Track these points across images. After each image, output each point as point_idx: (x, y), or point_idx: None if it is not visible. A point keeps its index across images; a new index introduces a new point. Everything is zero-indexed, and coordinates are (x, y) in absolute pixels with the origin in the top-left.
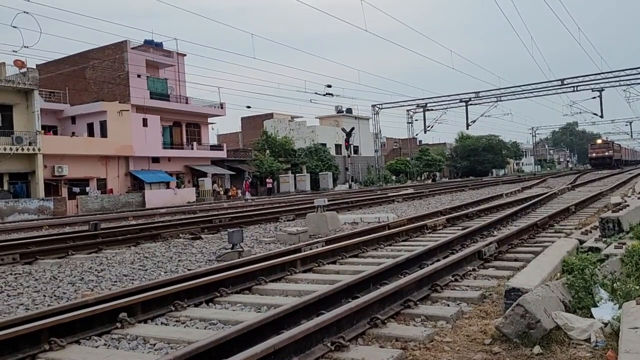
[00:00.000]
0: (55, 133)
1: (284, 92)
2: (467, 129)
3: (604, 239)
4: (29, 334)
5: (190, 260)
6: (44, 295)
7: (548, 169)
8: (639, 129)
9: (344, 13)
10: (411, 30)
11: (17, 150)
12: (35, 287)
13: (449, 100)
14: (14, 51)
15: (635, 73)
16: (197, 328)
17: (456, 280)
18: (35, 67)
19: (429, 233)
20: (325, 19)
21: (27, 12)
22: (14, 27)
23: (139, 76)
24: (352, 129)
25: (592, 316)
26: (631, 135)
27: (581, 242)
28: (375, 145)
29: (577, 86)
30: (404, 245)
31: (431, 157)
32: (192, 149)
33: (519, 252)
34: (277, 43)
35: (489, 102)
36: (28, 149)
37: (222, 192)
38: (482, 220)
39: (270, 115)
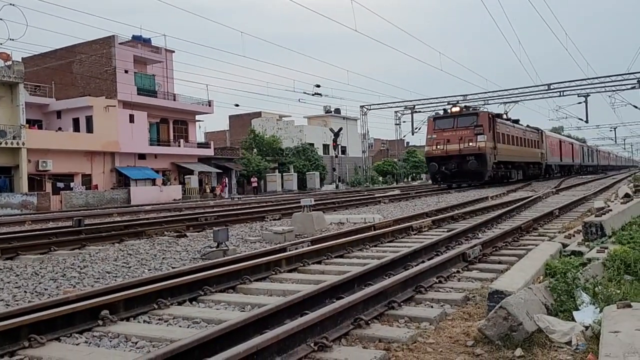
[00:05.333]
0: (40, 127)
1: (272, 91)
2: None
3: (586, 243)
4: (8, 331)
5: (174, 258)
6: (25, 291)
7: None
8: (623, 134)
9: (334, 13)
10: (401, 31)
11: (0, 144)
12: (16, 282)
13: (436, 103)
14: None
15: (620, 79)
16: (180, 327)
17: (440, 282)
18: (20, 60)
19: (415, 234)
20: (315, 18)
21: (13, 5)
22: None
23: (126, 72)
24: (340, 129)
25: (573, 319)
26: (615, 141)
27: (564, 245)
28: (363, 146)
29: (563, 91)
30: (390, 246)
31: (418, 159)
32: (179, 146)
33: (503, 255)
34: (266, 42)
35: (476, 105)
36: (12, 143)
37: (208, 190)
38: (467, 222)
39: (258, 114)
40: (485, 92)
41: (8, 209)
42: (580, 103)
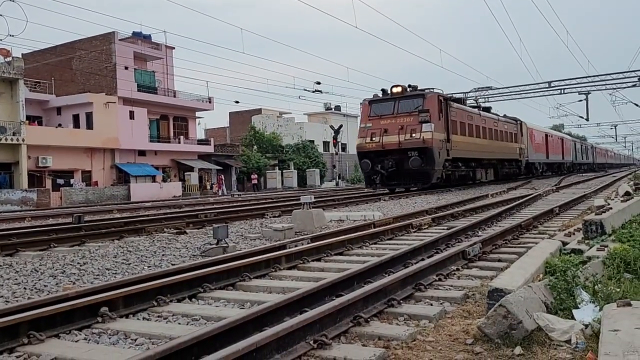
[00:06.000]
0: (40, 124)
1: (272, 88)
2: None
3: (586, 241)
4: (8, 327)
5: (174, 255)
6: (25, 288)
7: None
8: (624, 132)
9: (334, 10)
10: (401, 28)
11: (0, 140)
12: (16, 279)
13: None
14: None
15: (621, 77)
16: (179, 324)
17: (440, 279)
18: (20, 56)
19: (414, 232)
20: (316, 15)
21: (12, 0)
22: None
23: (126, 68)
24: (341, 126)
25: (573, 318)
26: (615, 139)
27: (564, 243)
28: None
29: (564, 89)
30: (389, 244)
31: None
32: (179, 142)
33: (502, 253)
34: (266, 38)
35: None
36: (12, 139)
37: (208, 187)
38: (467, 220)
39: (258, 111)
40: (486, 90)
41: (8, 205)
42: (581, 101)
